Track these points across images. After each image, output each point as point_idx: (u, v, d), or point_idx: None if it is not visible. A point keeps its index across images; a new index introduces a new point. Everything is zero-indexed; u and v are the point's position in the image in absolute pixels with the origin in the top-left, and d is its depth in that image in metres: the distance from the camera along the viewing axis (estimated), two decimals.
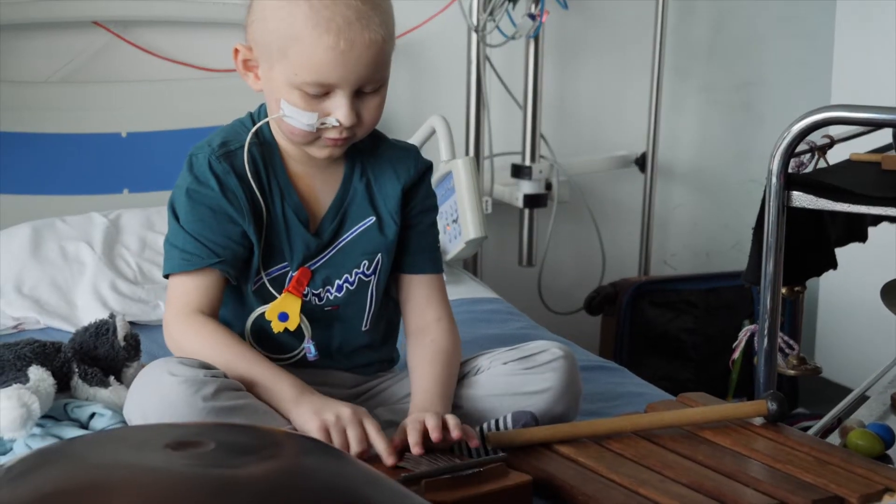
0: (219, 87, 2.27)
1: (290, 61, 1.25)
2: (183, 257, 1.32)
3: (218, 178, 1.31)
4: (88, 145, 2.14)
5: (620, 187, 2.75)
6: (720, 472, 1.19)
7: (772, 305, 1.46)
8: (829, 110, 1.41)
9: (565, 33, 2.61)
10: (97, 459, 0.88)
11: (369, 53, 1.25)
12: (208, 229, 1.31)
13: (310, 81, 1.25)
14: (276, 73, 1.28)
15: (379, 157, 1.40)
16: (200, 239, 1.31)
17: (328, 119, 1.27)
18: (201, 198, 1.32)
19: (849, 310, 2.70)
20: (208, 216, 1.31)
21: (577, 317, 2.64)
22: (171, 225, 1.35)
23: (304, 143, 1.31)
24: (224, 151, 1.33)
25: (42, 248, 1.95)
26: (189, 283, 1.32)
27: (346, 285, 1.38)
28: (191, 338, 1.30)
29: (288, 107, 1.28)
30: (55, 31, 2.16)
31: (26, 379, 1.30)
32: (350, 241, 1.38)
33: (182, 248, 1.32)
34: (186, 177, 1.33)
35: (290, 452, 0.92)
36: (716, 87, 2.83)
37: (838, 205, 1.42)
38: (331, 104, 1.27)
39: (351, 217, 1.38)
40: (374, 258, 1.39)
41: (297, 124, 1.28)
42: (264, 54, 1.29)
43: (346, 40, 1.23)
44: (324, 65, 1.24)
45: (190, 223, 1.32)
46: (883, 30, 2.65)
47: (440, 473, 1.14)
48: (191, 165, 1.33)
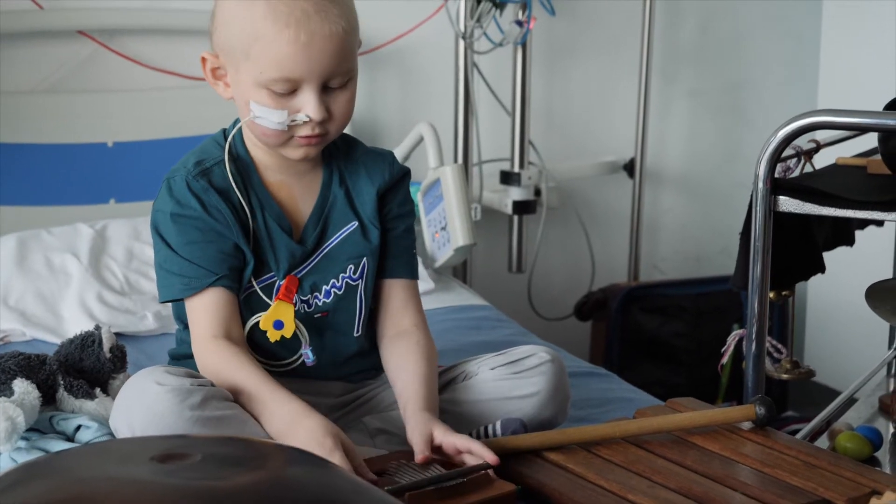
0: (205, 95, 2.24)
1: (254, 60, 1.26)
2: (182, 282, 1.31)
3: (198, 196, 1.31)
4: (74, 155, 2.14)
5: (609, 193, 2.75)
6: (709, 477, 1.19)
7: (759, 310, 1.47)
8: (814, 115, 1.41)
9: (553, 39, 2.62)
10: (83, 473, 0.87)
11: (331, 45, 1.26)
12: (200, 250, 1.31)
13: (275, 78, 1.26)
14: (242, 76, 1.28)
15: (355, 163, 1.41)
16: (195, 261, 1.31)
17: (298, 115, 1.28)
18: (186, 220, 1.32)
19: (837, 313, 2.71)
20: (197, 237, 1.31)
21: (567, 323, 2.64)
22: (160, 250, 1.34)
23: (277, 144, 1.31)
24: (200, 170, 1.33)
25: (28, 259, 1.94)
26: (203, 307, 1.31)
27: (333, 290, 1.38)
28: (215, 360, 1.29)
29: (257, 107, 1.28)
30: (41, 41, 2.16)
31: (11, 392, 1.30)
32: (334, 246, 1.38)
33: (179, 273, 1.31)
34: (167, 201, 1.33)
35: (276, 464, 0.92)
36: (703, 90, 2.84)
37: (825, 209, 1.43)
38: (299, 101, 1.28)
39: (333, 223, 1.39)
40: (360, 262, 1.39)
41: (268, 124, 1.28)
42: (230, 58, 1.30)
43: (306, 32, 1.24)
44: (286, 59, 1.25)
45: (181, 246, 1.31)
46: (870, 31, 2.66)
47: (424, 485, 1.14)
48: (169, 189, 1.33)
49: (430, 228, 2.18)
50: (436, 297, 2.04)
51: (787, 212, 1.44)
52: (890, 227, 1.89)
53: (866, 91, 2.47)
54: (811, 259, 1.61)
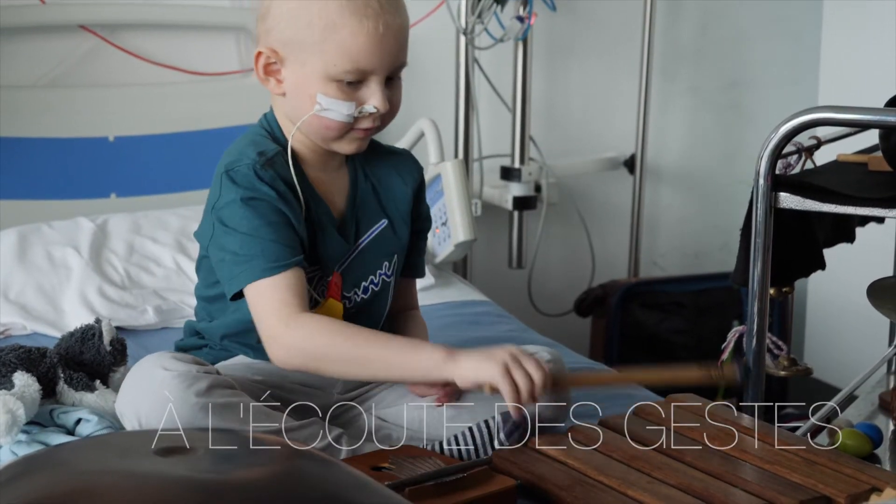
0: (206, 90, 2.27)
1: (327, 52, 1.26)
2: (265, 263, 1.26)
3: (269, 184, 1.28)
4: (75, 149, 2.14)
5: (609, 189, 2.75)
6: (708, 473, 1.19)
7: (760, 306, 1.47)
8: (815, 111, 1.41)
9: (553, 35, 2.62)
10: (84, 466, 0.88)
11: (401, 37, 1.29)
12: (280, 231, 1.27)
13: (349, 69, 1.26)
14: (308, 69, 1.28)
15: (378, 161, 1.41)
16: (278, 241, 1.27)
17: (365, 107, 1.29)
18: (260, 204, 1.27)
19: (837, 310, 2.71)
20: (275, 218, 1.28)
21: (567, 319, 2.65)
22: (230, 240, 1.28)
23: (336, 137, 1.31)
24: (265, 159, 1.30)
25: (28, 253, 1.94)
26: (280, 287, 1.26)
27: (371, 287, 1.39)
28: (312, 337, 1.25)
29: (325, 99, 1.28)
30: (42, 35, 2.16)
31: (11, 385, 1.30)
32: (368, 243, 1.39)
33: (261, 255, 1.26)
34: (234, 190, 1.28)
35: (278, 458, 0.92)
36: (704, 87, 2.84)
37: (826, 206, 1.43)
38: (364, 93, 1.29)
39: (365, 219, 1.39)
40: (392, 259, 1.41)
41: (337, 116, 1.28)
42: (294, 52, 1.28)
43: (383, 24, 1.26)
44: (363, 50, 1.26)
45: (260, 228, 1.27)
46: (870, 29, 2.66)
47: (424, 480, 1.14)
48: (233, 180, 1.28)
49: None
50: (436, 293, 2.04)
51: (787, 208, 1.44)
52: (890, 224, 1.89)
53: (867, 89, 2.46)
54: (812, 256, 1.61)
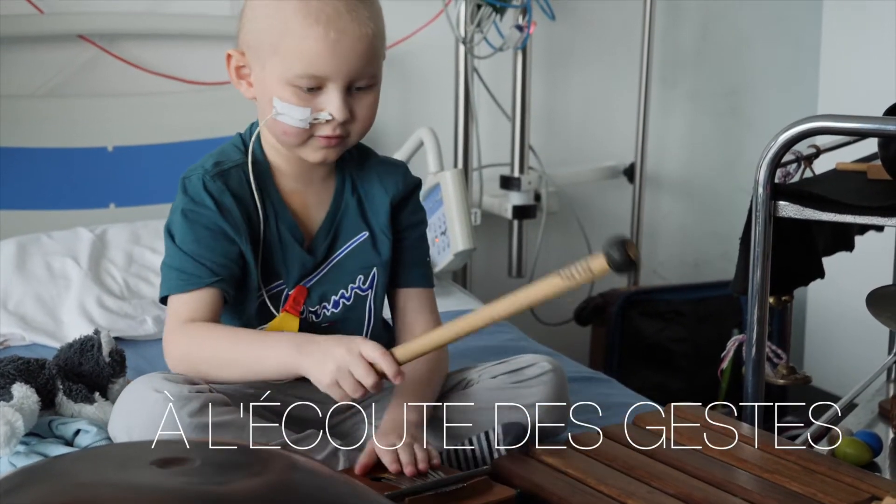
0: (205, 100, 2.27)
1: (281, 56, 1.26)
2: (181, 278, 1.29)
3: (213, 197, 1.30)
4: (74, 159, 2.14)
5: (609, 197, 2.75)
6: (708, 482, 1.19)
7: (759, 315, 1.47)
8: (814, 120, 1.42)
9: (553, 44, 2.62)
10: (82, 477, 0.87)
11: (360, 46, 1.26)
12: (206, 249, 1.30)
13: (301, 73, 1.25)
14: (268, 73, 1.28)
15: (368, 171, 1.40)
16: (198, 259, 1.29)
17: (321, 114, 1.28)
18: (198, 217, 1.30)
19: (837, 318, 2.71)
20: (206, 236, 1.30)
21: (567, 327, 2.64)
22: (168, 248, 1.33)
23: (297, 144, 1.31)
24: (218, 171, 1.32)
25: (27, 263, 1.94)
26: (189, 302, 1.29)
27: (342, 301, 1.37)
28: (186, 341, 1.27)
29: (280, 104, 1.28)
30: (41, 45, 2.16)
31: (10, 396, 1.29)
32: (344, 256, 1.38)
33: (180, 269, 1.29)
34: (181, 199, 1.31)
35: (276, 469, 0.92)
36: (703, 94, 2.84)
37: (825, 214, 1.43)
38: (323, 100, 1.28)
39: (343, 232, 1.38)
40: (370, 272, 1.39)
41: (290, 121, 1.28)
42: (256, 55, 1.29)
43: (336, 30, 1.25)
44: (314, 56, 1.25)
45: (187, 244, 1.30)
46: (870, 35, 2.66)
47: (423, 490, 1.14)
48: (184, 188, 1.31)
49: (429, 233, 2.17)
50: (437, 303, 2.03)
51: (786, 217, 1.44)
52: (890, 233, 1.89)
53: (866, 95, 2.46)
54: (811, 264, 1.61)
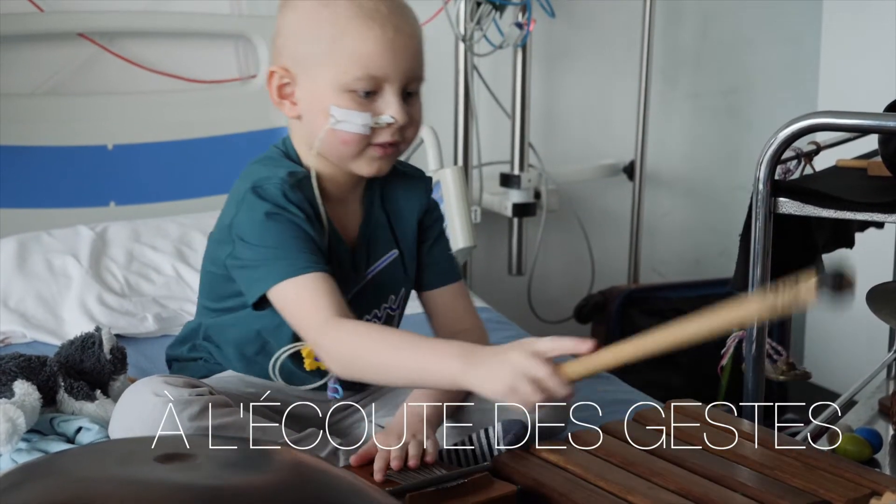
0: (205, 98, 2.27)
1: (337, 61, 1.23)
2: (290, 265, 1.21)
3: (295, 205, 1.24)
4: (74, 158, 2.14)
5: (609, 195, 2.76)
6: (708, 478, 1.19)
7: None
8: (814, 117, 1.42)
9: (553, 42, 2.62)
10: (83, 473, 0.87)
11: (413, 45, 1.25)
12: (305, 243, 1.23)
13: (361, 75, 1.23)
14: (320, 83, 1.24)
15: (393, 185, 1.36)
16: (304, 250, 1.23)
17: (381, 117, 1.24)
18: (287, 219, 1.23)
19: (836, 315, 2.71)
20: (301, 234, 1.23)
21: (567, 325, 2.64)
22: (250, 253, 1.24)
23: (355, 153, 1.26)
24: (294, 181, 1.25)
25: (28, 261, 1.94)
26: (308, 290, 1.20)
27: (374, 320, 1.35)
28: (342, 344, 1.19)
29: (339, 111, 1.24)
30: (40, 43, 2.16)
31: (11, 393, 1.30)
32: (378, 273, 1.35)
33: (286, 258, 1.22)
34: (260, 205, 1.24)
35: (279, 464, 0.92)
36: (703, 93, 2.84)
37: (825, 211, 1.43)
38: (380, 104, 1.25)
39: (375, 249, 1.36)
40: (399, 292, 1.38)
41: (352, 127, 1.24)
42: (305, 66, 1.25)
43: (393, 28, 1.23)
44: (374, 55, 1.22)
45: (285, 241, 1.22)
46: (869, 34, 2.66)
47: (424, 486, 1.14)
48: (260, 196, 1.24)
49: None
50: None
51: (787, 214, 1.45)
52: (890, 229, 1.89)
53: (866, 94, 2.47)
54: (811, 261, 1.61)
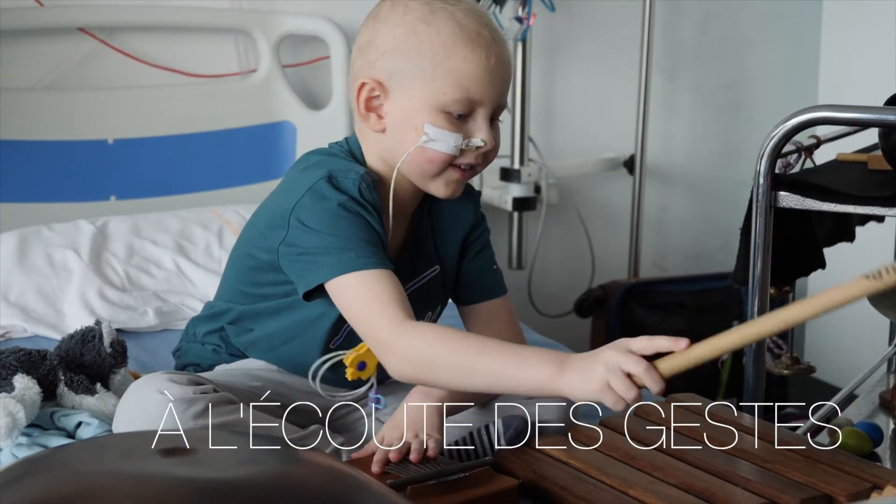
0: (205, 92, 2.27)
1: (437, 80, 1.23)
2: (358, 256, 1.19)
3: (371, 203, 1.24)
4: (75, 152, 2.14)
5: (609, 189, 2.76)
6: (710, 473, 1.19)
7: (760, 306, 1.47)
8: (815, 111, 1.42)
9: (552, 36, 2.62)
10: (84, 467, 0.87)
11: (508, 72, 1.27)
12: (375, 241, 1.22)
13: (459, 98, 1.23)
14: (416, 100, 1.24)
15: (442, 200, 1.34)
16: (372, 242, 1.22)
17: (473, 140, 1.25)
18: (360, 215, 1.23)
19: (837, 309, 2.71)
20: (371, 232, 1.23)
21: (567, 319, 2.65)
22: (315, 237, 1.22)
23: (437, 173, 1.26)
24: (370, 180, 1.25)
25: (28, 255, 1.94)
26: (376, 285, 1.18)
27: None
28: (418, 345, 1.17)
29: (434, 129, 1.24)
30: (41, 37, 2.16)
31: (11, 388, 1.29)
32: (419, 287, 1.35)
33: (355, 250, 1.20)
34: (336, 194, 1.22)
35: (280, 458, 0.92)
36: (704, 87, 2.84)
37: (825, 205, 1.43)
38: (472, 126, 1.25)
39: (419, 262, 1.35)
40: (436, 310, 1.38)
41: (443, 147, 1.24)
42: (400, 81, 1.24)
43: (495, 54, 1.24)
44: (474, 79, 1.23)
45: (353, 234, 1.21)
46: (869, 29, 2.66)
47: (426, 479, 1.14)
48: (336, 186, 1.23)
49: None
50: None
51: (787, 208, 1.44)
52: (890, 223, 1.89)
53: (866, 90, 2.47)
54: (812, 255, 1.61)
